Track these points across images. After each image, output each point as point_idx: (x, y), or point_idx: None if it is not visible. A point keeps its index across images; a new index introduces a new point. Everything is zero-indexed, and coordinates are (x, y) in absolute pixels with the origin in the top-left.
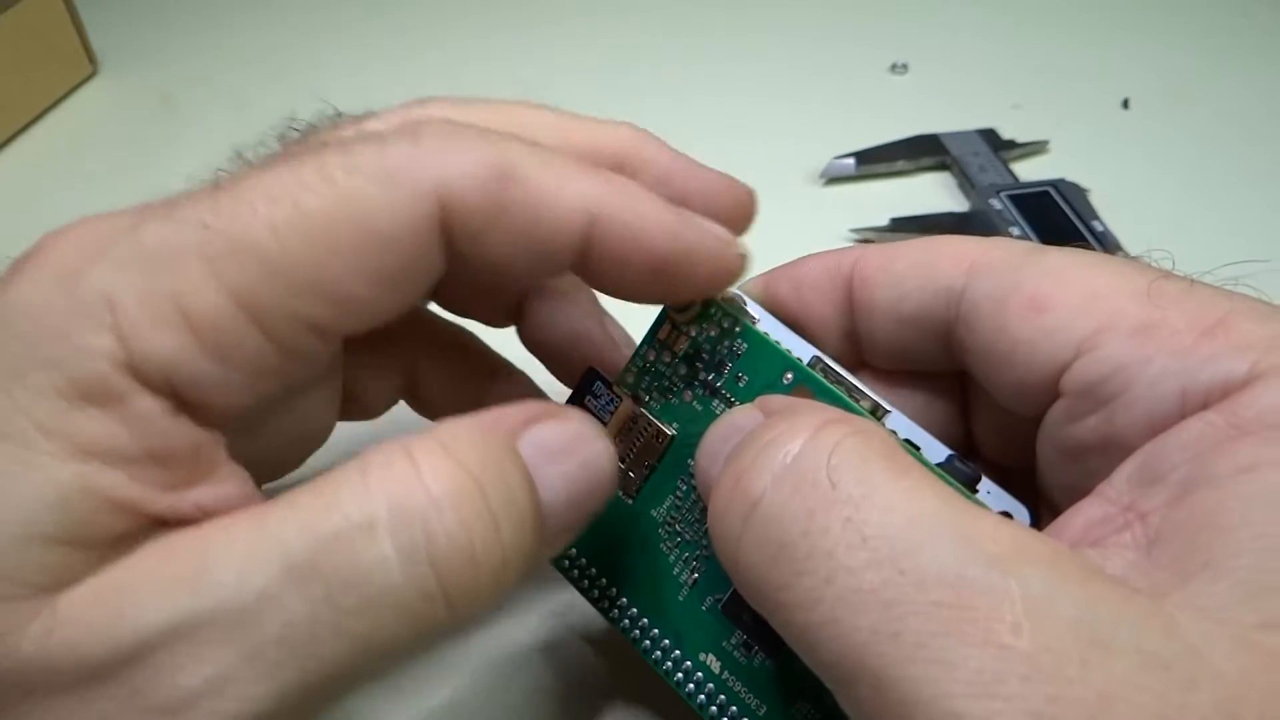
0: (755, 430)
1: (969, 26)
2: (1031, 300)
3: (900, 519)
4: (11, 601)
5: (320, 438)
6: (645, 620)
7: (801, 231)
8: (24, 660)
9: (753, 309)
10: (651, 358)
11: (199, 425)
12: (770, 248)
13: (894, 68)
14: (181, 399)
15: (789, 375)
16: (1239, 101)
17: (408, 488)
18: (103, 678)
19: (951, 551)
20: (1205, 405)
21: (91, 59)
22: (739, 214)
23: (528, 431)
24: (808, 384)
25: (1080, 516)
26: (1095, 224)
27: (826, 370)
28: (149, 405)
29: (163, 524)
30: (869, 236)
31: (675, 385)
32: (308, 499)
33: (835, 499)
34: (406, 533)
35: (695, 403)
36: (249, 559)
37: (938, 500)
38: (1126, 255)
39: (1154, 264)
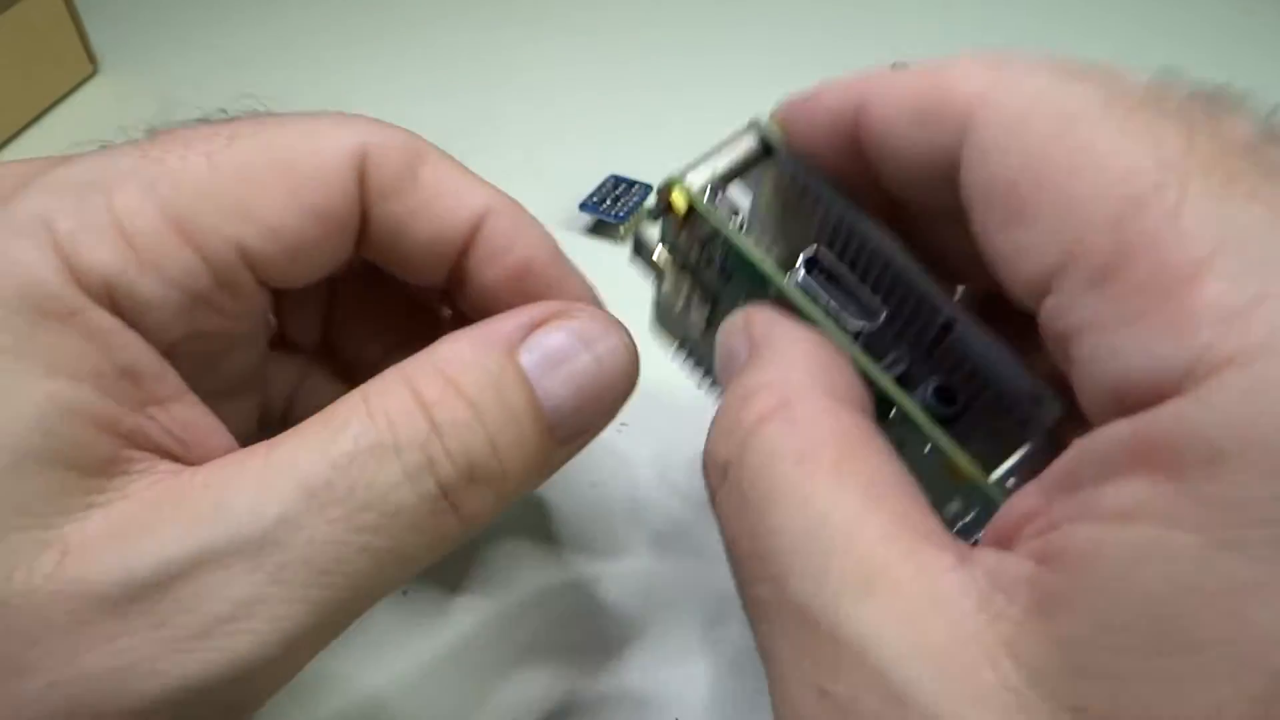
0: (729, 394)
1: (969, 26)
2: (1012, 200)
3: (782, 535)
4: (16, 532)
5: (250, 393)
6: None
7: None
8: (35, 594)
9: (781, 158)
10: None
11: (152, 344)
12: None
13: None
14: (127, 315)
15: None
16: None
17: (409, 415)
18: (123, 610)
19: (808, 578)
20: (1141, 402)
21: (91, 59)
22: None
23: (529, 339)
24: (786, 300)
25: (1022, 502)
26: None
27: (821, 272)
28: (103, 319)
29: (142, 448)
30: None
31: (699, 262)
32: (315, 429)
33: (746, 505)
34: (412, 457)
35: (717, 281)
36: (264, 486)
37: (817, 519)
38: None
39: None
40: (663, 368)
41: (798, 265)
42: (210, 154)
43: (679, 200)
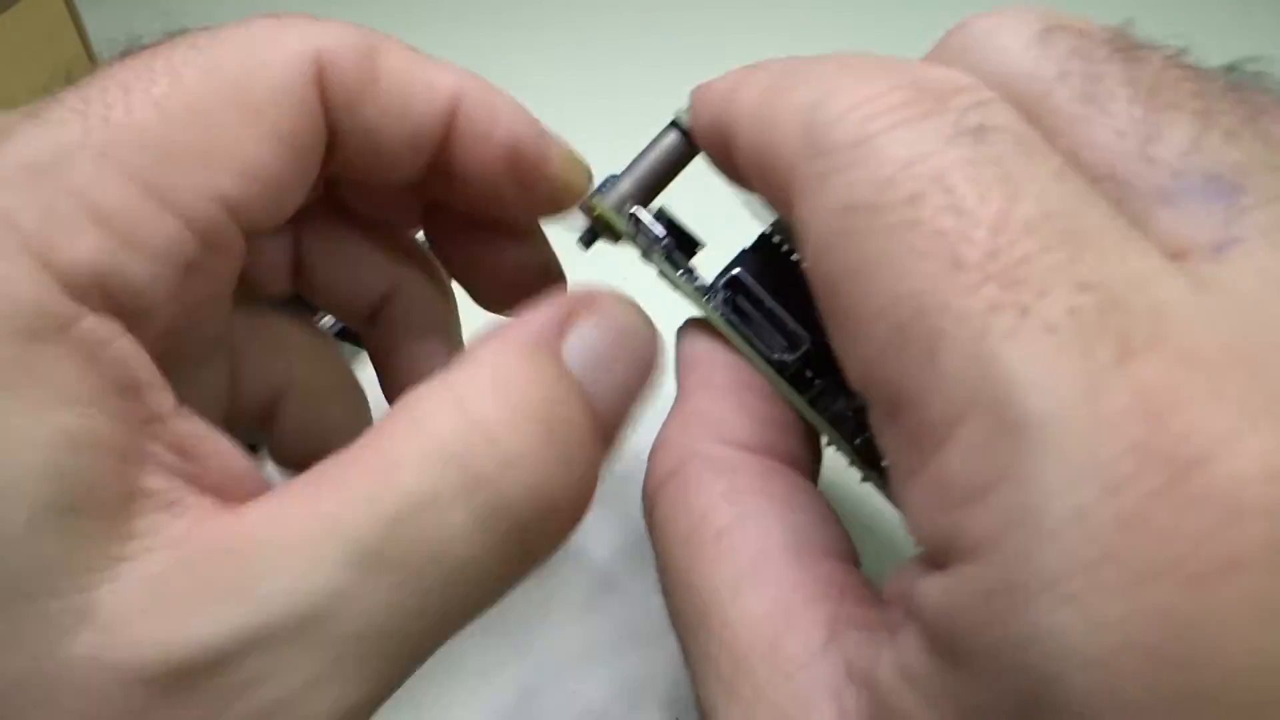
0: (661, 430)
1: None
2: (825, 301)
3: (681, 617)
4: (47, 600)
5: (223, 357)
6: None
7: None
8: (76, 674)
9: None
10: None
11: (146, 346)
12: None
13: None
14: (120, 309)
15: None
16: None
17: (473, 447)
18: (172, 695)
19: (697, 668)
20: (927, 556)
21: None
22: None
23: (568, 338)
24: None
25: (892, 580)
26: None
27: (743, 294)
28: (97, 327)
29: (151, 473)
30: None
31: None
32: (361, 469)
33: (661, 582)
34: (482, 499)
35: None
36: (310, 555)
37: (701, 608)
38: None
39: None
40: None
41: (718, 287)
42: (156, 99)
43: (600, 221)
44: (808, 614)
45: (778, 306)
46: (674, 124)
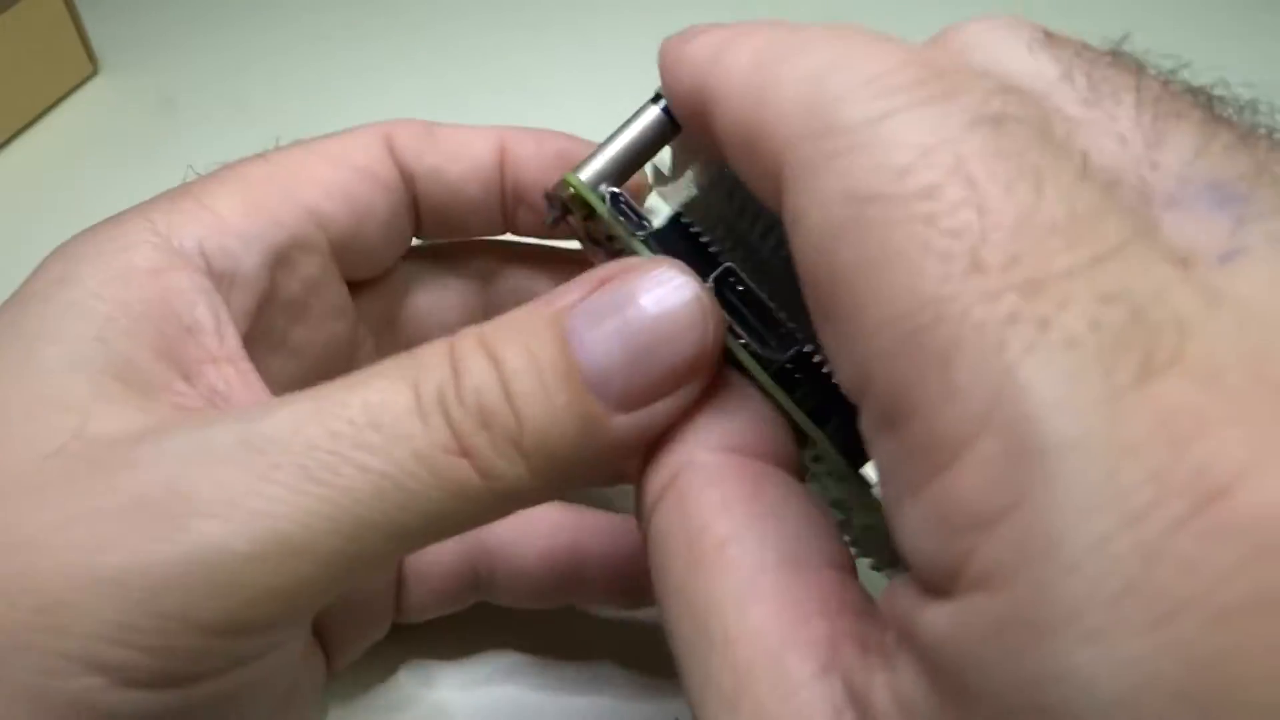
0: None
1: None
2: (817, 295)
3: (678, 631)
4: (47, 412)
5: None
6: None
7: None
8: (81, 450)
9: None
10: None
11: (236, 308)
12: None
13: None
14: (214, 272)
15: None
16: None
17: (437, 360)
18: (104, 485)
19: (696, 685)
20: (923, 581)
21: (91, 59)
22: None
23: (582, 301)
24: None
25: (886, 595)
26: None
27: (733, 290)
28: (181, 279)
29: (192, 404)
30: None
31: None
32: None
33: (657, 592)
34: (426, 389)
35: None
36: (281, 400)
37: (700, 621)
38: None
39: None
40: None
41: (708, 282)
42: (263, 157)
43: (574, 200)
44: (808, 630)
45: (767, 301)
46: (655, 99)
